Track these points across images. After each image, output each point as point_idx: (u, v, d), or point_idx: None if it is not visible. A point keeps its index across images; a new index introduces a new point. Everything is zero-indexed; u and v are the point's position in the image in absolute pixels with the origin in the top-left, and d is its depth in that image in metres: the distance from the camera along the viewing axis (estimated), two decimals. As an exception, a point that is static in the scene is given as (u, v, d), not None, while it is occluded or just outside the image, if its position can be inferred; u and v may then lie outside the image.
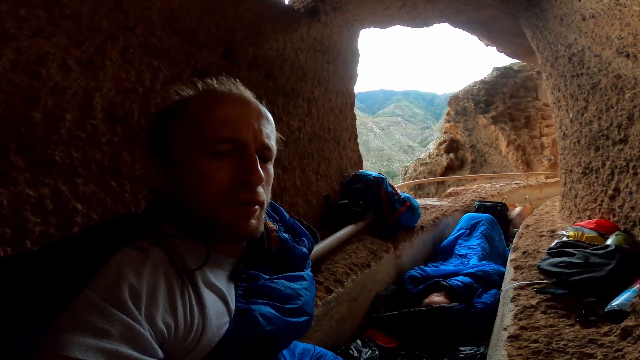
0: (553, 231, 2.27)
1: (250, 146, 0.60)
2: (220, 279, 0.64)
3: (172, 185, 0.61)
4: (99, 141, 1.13)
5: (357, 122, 3.20)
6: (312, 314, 0.76)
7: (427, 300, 2.06)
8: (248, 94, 0.66)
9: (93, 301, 0.46)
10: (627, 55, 1.81)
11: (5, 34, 0.90)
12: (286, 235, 0.80)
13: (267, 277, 0.74)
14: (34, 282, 0.49)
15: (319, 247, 1.76)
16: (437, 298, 2.06)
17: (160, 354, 0.50)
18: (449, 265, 2.62)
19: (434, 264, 2.74)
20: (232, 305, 0.64)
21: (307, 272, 0.84)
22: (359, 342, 1.75)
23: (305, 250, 0.84)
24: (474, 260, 2.59)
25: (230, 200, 0.58)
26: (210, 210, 0.58)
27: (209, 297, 0.60)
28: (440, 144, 9.76)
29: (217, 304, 0.61)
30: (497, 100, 8.92)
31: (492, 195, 4.91)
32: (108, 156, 1.15)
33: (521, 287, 1.48)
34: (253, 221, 0.61)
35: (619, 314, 1.11)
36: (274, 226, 0.78)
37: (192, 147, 0.58)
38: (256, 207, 0.61)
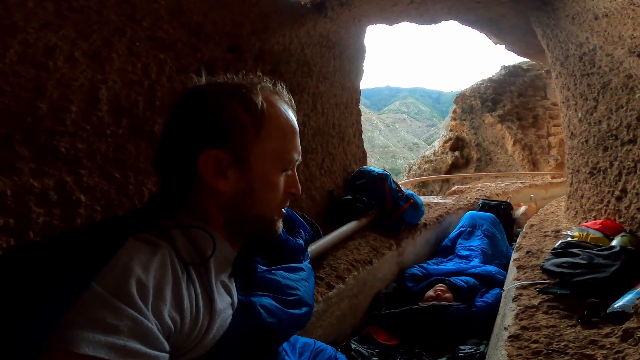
0: (557, 231, 2.24)
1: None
2: (224, 272, 0.65)
3: (240, 186, 0.63)
4: (104, 133, 1.14)
5: (362, 119, 3.18)
6: (312, 305, 0.77)
7: (421, 303, 2.04)
8: None
9: (101, 296, 0.46)
10: (639, 55, 1.78)
11: (13, 26, 0.91)
12: None
13: (265, 268, 0.75)
14: (40, 276, 0.49)
15: (321, 243, 1.75)
16: (432, 293, 2.07)
17: (168, 347, 0.50)
18: (449, 263, 2.61)
19: (433, 261, 2.74)
20: (236, 298, 0.65)
21: (306, 264, 0.85)
22: (358, 339, 1.75)
23: (301, 242, 0.85)
24: (475, 262, 2.58)
25: (282, 206, 0.70)
26: (270, 213, 0.68)
27: (216, 291, 0.60)
28: (446, 142, 9.68)
29: (224, 297, 0.62)
30: (504, 98, 8.81)
31: (497, 194, 4.87)
32: (113, 148, 1.16)
33: (523, 287, 1.47)
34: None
35: (621, 316, 1.11)
36: None
37: (272, 161, 0.65)
38: None
